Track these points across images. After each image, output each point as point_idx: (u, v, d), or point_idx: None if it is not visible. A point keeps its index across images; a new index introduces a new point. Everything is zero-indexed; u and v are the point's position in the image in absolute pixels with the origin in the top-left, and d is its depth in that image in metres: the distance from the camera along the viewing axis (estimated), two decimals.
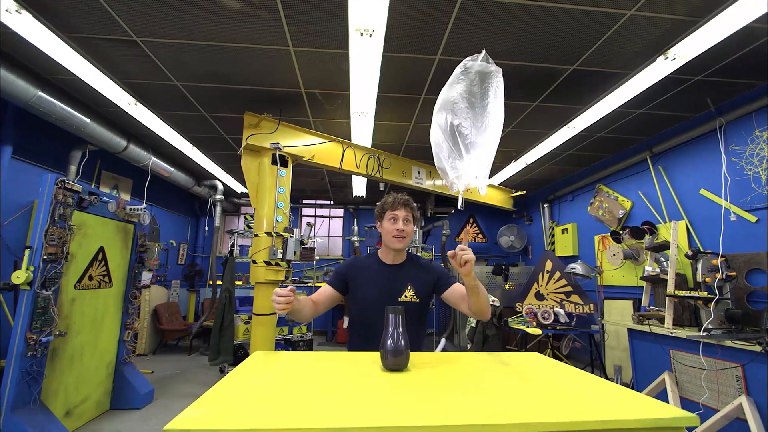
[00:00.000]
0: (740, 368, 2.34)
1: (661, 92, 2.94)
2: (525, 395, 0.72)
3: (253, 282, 2.74)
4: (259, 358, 1.02)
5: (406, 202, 1.42)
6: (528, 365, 1.00)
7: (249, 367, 0.92)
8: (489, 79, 1.34)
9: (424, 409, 0.63)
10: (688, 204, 3.49)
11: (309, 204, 7.31)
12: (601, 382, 0.83)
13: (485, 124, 1.30)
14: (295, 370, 0.90)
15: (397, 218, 1.40)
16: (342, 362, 0.98)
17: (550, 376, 0.88)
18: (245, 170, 2.85)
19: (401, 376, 0.85)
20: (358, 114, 3.21)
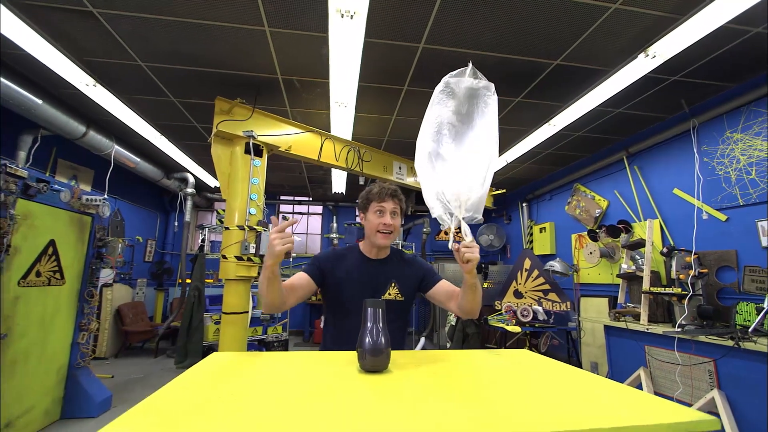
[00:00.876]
0: (713, 363, 2.38)
1: (640, 91, 2.98)
2: (525, 399, 0.63)
3: (223, 278, 2.56)
4: (217, 359, 0.89)
5: (394, 192, 1.29)
6: (520, 363, 0.91)
7: (202, 371, 0.79)
8: (477, 97, 1.14)
9: (408, 419, 0.53)
10: (661, 203, 3.57)
11: (287, 200, 7.09)
12: (605, 382, 0.76)
13: (475, 148, 1.09)
14: (257, 374, 0.77)
15: (384, 211, 1.27)
16: (313, 363, 0.87)
17: (547, 376, 0.80)
18: (216, 159, 2.66)
19: (381, 379, 0.74)
20: (338, 104, 3.08)
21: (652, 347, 2.82)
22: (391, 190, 1.28)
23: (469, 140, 1.10)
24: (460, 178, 1.04)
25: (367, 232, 1.31)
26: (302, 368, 0.82)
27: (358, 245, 1.37)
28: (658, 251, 3.35)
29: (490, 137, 1.09)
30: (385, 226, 1.26)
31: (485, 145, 1.08)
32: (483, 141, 1.08)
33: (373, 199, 1.28)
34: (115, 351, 4.94)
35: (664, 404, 0.60)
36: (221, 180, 2.66)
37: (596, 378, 0.80)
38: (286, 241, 0.95)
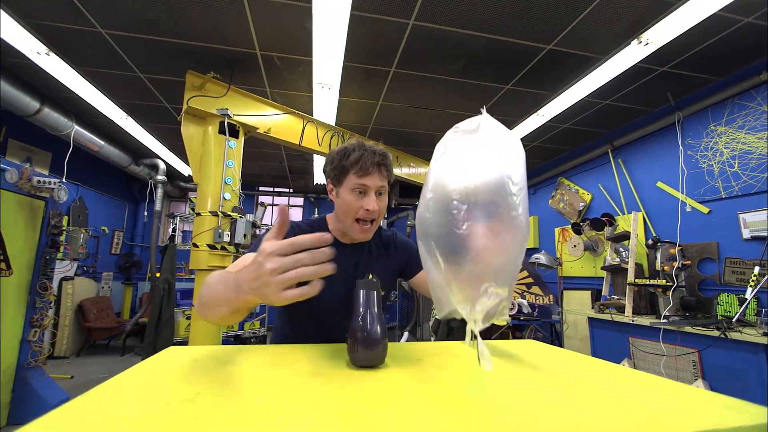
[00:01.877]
0: (697, 353, 2.38)
1: (629, 82, 2.95)
2: (558, 400, 0.51)
3: (194, 268, 2.35)
4: (172, 355, 0.73)
5: (381, 160, 0.91)
6: (534, 355, 0.80)
7: (149, 368, 0.63)
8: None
9: (421, 426, 0.39)
10: (645, 196, 3.59)
11: (266, 191, 6.82)
12: (639, 375, 0.65)
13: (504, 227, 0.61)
14: (218, 371, 0.62)
15: (368, 190, 0.90)
16: (289, 356, 0.72)
17: (571, 370, 0.68)
18: (186, 139, 2.44)
19: (377, 376, 0.60)
20: (321, 86, 2.91)
21: (636, 338, 2.82)
22: (377, 158, 0.91)
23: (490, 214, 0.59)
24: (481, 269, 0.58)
25: (340, 216, 0.96)
26: (277, 362, 0.67)
27: (326, 221, 1.04)
28: (641, 244, 3.37)
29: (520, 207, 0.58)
30: (368, 213, 0.90)
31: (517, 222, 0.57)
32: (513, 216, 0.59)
33: (351, 170, 0.90)
34: (76, 349, 4.59)
35: (725, 401, 0.50)
36: (192, 162, 2.44)
37: (626, 369, 0.69)
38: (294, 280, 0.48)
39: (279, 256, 0.48)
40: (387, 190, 0.96)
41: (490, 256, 0.55)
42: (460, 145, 0.61)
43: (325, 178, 0.99)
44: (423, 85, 3.07)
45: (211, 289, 0.63)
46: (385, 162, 0.93)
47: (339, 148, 0.96)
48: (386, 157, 0.94)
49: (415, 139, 4.23)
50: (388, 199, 0.98)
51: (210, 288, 0.63)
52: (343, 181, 0.92)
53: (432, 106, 3.45)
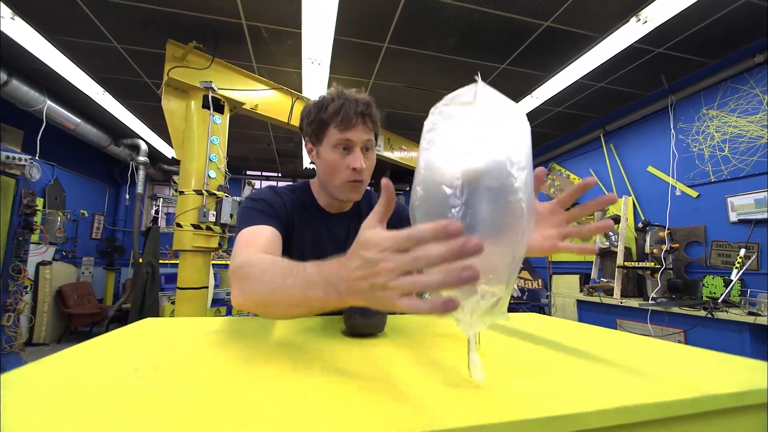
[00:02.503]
0: (683, 333, 2.42)
1: (624, 64, 2.92)
2: (572, 371, 0.46)
3: (178, 249, 2.26)
4: (149, 324, 0.66)
5: (366, 111, 0.79)
6: (539, 328, 0.76)
7: (123, 336, 0.56)
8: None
9: (423, 397, 0.34)
10: (635, 181, 3.60)
11: (254, 175, 6.65)
12: (655, 342, 0.61)
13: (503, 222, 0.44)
14: (198, 341, 0.56)
15: (352, 145, 0.80)
16: (277, 328, 0.66)
17: (578, 339, 0.64)
18: (168, 113, 2.31)
19: (376, 345, 0.55)
20: (311, 61, 2.78)
21: (624, 320, 2.85)
22: (361, 107, 0.79)
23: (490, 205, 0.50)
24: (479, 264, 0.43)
25: (323, 178, 0.85)
26: (264, 334, 0.61)
27: (309, 187, 0.93)
28: (630, 228, 3.40)
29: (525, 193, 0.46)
30: (355, 173, 0.80)
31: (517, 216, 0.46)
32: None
33: (331, 123, 0.79)
34: (56, 336, 4.45)
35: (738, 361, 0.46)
36: (174, 138, 2.32)
37: (638, 337, 0.65)
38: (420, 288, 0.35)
39: (396, 252, 0.34)
40: (374, 145, 0.84)
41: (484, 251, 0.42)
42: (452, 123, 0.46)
43: (303, 137, 0.88)
44: (416, 63, 2.97)
45: (270, 284, 0.49)
46: (370, 112, 0.80)
47: (315, 99, 0.84)
48: (370, 106, 0.81)
49: (408, 121, 4.14)
50: (378, 136, 0.87)
51: (267, 282, 0.50)
52: (323, 138, 0.81)
53: (425, 86, 3.36)
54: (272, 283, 0.48)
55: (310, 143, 0.86)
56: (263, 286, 0.50)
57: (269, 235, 0.73)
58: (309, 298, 0.43)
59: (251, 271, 0.53)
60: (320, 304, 0.43)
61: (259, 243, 0.69)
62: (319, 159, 0.84)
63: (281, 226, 0.80)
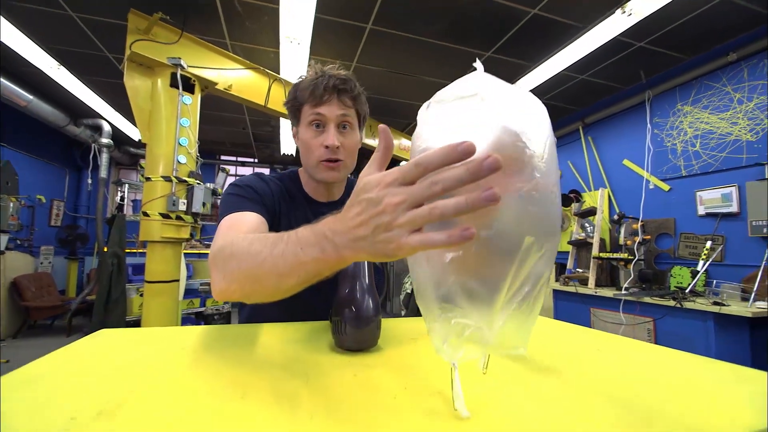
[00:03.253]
0: (653, 322, 2.53)
1: (606, 56, 2.93)
2: (570, 400, 0.42)
3: (146, 240, 2.11)
4: (102, 340, 0.58)
5: (341, 84, 0.74)
6: (542, 337, 0.72)
7: (68, 358, 0.48)
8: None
9: None
10: (611, 173, 3.69)
11: (229, 160, 6.37)
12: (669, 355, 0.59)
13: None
14: (158, 364, 0.48)
15: (325, 121, 0.75)
16: (255, 340, 0.59)
17: (583, 352, 0.61)
18: (131, 91, 2.11)
19: (370, 361, 0.49)
20: (289, 40, 2.62)
21: (597, 309, 2.95)
22: (334, 81, 0.74)
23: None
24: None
25: (304, 160, 0.81)
26: (239, 348, 0.54)
27: (297, 175, 0.89)
28: (606, 219, 3.49)
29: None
30: (328, 151, 0.75)
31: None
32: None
33: (306, 101, 0.76)
34: (13, 331, 4.15)
35: None
36: (139, 119, 2.14)
37: (635, 343, 0.63)
38: (433, 218, 0.29)
39: (403, 185, 0.30)
40: (356, 124, 0.79)
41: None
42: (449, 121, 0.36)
43: (291, 122, 0.85)
44: (401, 47, 2.87)
45: (257, 256, 0.44)
46: (346, 86, 0.75)
47: (296, 82, 0.81)
48: (347, 82, 0.76)
49: (392, 107, 4.04)
50: (366, 113, 0.83)
51: (254, 254, 0.45)
52: (300, 117, 0.78)
53: (410, 72, 3.27)
54: (260, 254, 0.44)
55: (293, 126, 0.83)
56: (249, 260, 0.45)
57: (254, 222, 0.66)
58: (302, 261, 0.38)
59: (235, 249, 0.48)
60: (315, 267, 0.38)
61: (242, 229, 0.62)
62: (299, 140, 0.81)
63: (268, 213, 0.74)
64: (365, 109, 0.82)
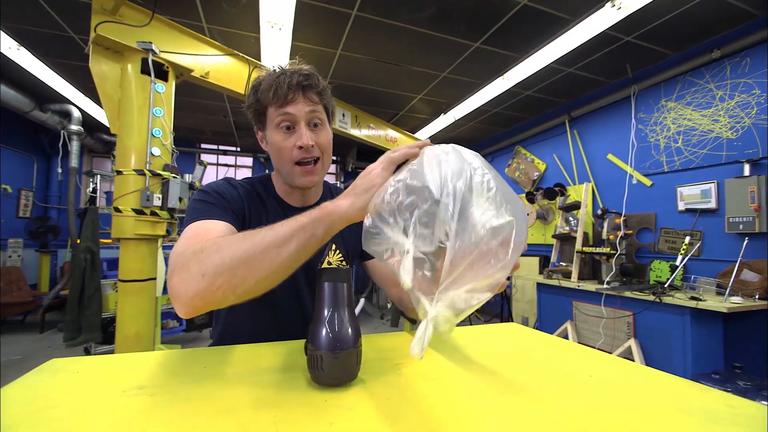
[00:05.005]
0: (632, 315, 2.58)
1: (594, 50, 2.91)
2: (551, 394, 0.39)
3: (118, 237, 1.99)
4: (43, 383, 0.51)
5: (304, 81, 0.70)
6: (514, 350, 0.69)
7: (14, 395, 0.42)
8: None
9: None
10: (595, 167, 3.72)
11: (210, 149, 6.15)
12: (627, 365, 0.56)
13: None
14: (105, 412, 0.43)
15: (295, 121, 0.70)
16: (222, 369, 0.54)
17: (556, 358, 0.59)
18: (98, 78, 1.96)
19: (351, 399, 0.45)
20: (270, 25, 2.49)
21: (579, 302, 3.00)
22: (298, 78, 0.69)
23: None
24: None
25: (277, 165, 0.76)
26: (202, 383, 0.49)
27: (270, 179, 0.84)
28: (589, 214, 3.53)
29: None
30: (302, 152, 0.70)
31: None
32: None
33: (269, 102, 0.70)
34: None
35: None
36: (108, 107, 2.00)
37: (611, 359, 0.61)
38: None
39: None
40: (326, 119, 0.75)
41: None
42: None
43: (253, 126, 0.79)
44: (387, 35, 2.77)
45: (250, 239, 0.48)
46: (310, 82, 0.71)
47: (254, 81, 0.75)
48: (311, 77, 0.71)
49: (377, 97, 3.94)
50: (334, 108, 0.80)
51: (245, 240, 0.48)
52: (266, 120, 0.73)
53: (396, 61, 3.17)
54: (258, 234, 0.48)
55: (258, 130, 0.78)
56: (245, 244, 0.48)
57: (222, 230, 0.63)
58: (301, 224, 0.47)
59: (220, 244, 0.49)
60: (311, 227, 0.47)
61: (209, 237, 0.58)
62: (268, 144, 0.75)
63: (237, 221, 0.69)
64: (332, 103, 0.78)
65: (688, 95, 2.92)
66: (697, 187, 2.83)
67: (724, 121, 2.68)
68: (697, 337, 2.23)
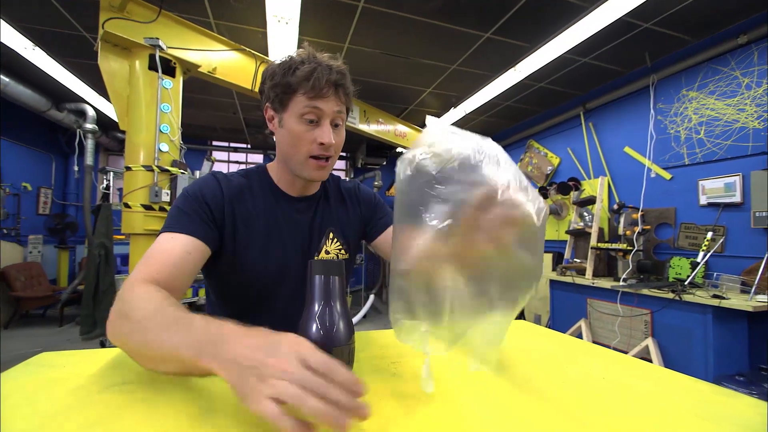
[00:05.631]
0: (650, 314, 2.49)
1: (611, 38, 2.79)
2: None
3: (128, 232, 2.02)
4: (29, 377, 0.50)
5: (340, 81, 0.68)
6: (527, 349, 0.65)
7: None
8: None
9: None
10: (612, 161, 3.60)
11: (220, 146, 6.21)
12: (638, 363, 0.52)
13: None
14: (87, 418, 0.41)
15: (322, 116, 0.68)
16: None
17: (568, 357, 0.54)
18: (106, 74, 1.98)
19: None
20: (277, 19, 2.47)
21: (594, 300, 2.91)
22: (335, 76, 0.67)
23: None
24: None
25: (287, 152, 0.72)
26: (186, 377, 0.47)
27: (266, 169, 0.81)
28: (605, 209, 3.42)
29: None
30: (323, 148, 0.69)
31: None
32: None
33: (299, 89, 0.67)
34: (5, 321, 4.10)
35: None
36: (117, 104, 2.02)
37: (619, 356, 0.56)
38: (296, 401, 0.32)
39: (305, 367, 0.34)
40: (344, 121, 0.74)
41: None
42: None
43: (263, 101, 0.74)
44: (395, 27, 2.72)
45: (153, 329, 0.45)
46: (344, 82, 0.70)
47: (281, 59, 0.71)
48: (345, 76, 0.70)
49: (385, 91, 3.89)
50: (350, 111, 0.77)
51: (150, 324, 0.46)
52: (289, 105, 0.69)
53: (404, 53, 3.12)
54: (147, 333, 0.46)
55: (272, 109, 0.73)
56: (137, 336, 0.47)
57: (180, 251, 0.62)
58: (184, 358, 0.40)
59: (126, 323, 0.49)
60: (186, 365, 0.40)
61: (162, 261, 0.60)
62: (282, 129, 0.71)
63: (211, 229, 0.68)
64: (351, 105, 0.76)
65: (712, 84, 2.78)
66: (720, 180, 2.70)
67: (751, 110, 2.55)
68: (720, 337, 2.13)
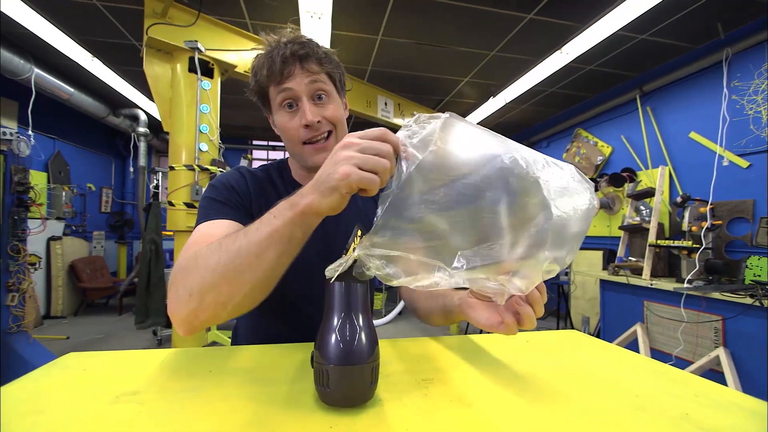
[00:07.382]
0: (721, 320, 2.20)
1: (673, 10, 2.49)
2: None
3: (172, 229, 2.11)
4: (54, 379, 0.49)
5: (300, 51, 0.62)
6: (589, 361, 0.56)
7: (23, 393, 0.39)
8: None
9: None
10: (674, 149, 3.23)
11: (260, 145, 6.42)
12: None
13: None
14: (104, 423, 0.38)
15: (296, 97, 0.63)
16: (233, 377, 0.48)
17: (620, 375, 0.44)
18: (151, 79, 2.08)
19: (362, 426, 0.36)
20: (310, 15, 2.46)
21: (652, 303, 2.64)
22: (292, 48, 0.61)
23: None
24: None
25: (288, 147, 0.70)
26: (199, 387, 0.43)
27: (287, 162, 0.80)
28: (665, 202, 3.09)
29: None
30: (308, 130, 0.63)
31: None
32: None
33: (268, 82, 0.64)
34: (73, 309, 4.54)
35: None
36: (161, 107, 2.11)
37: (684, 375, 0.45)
38: (375, 162, 0.38)
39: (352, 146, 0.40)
40: (332, 90, 0.67)
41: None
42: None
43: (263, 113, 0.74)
44: (430, 15, 2.60)
45: (230, 248, 0.44)
46: (307, 50, 0.63)
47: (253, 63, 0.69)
48: (306, 44, 0.64)
49: (420, 83, 3.78)
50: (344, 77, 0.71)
51: (225, 249, 0.44)
52: (270, 102, 0.67)
53: (440, 42, 2.99)
54: (235, 242, 0.44)
55: (268, 116, 0.72)
56: (224, 255, 0.44)
57: (226, 230, 0.57)
58: (275, 227, 0.42)
59: (200, 259, 0.45)
60: (286, 229, 0.42)
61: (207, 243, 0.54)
62: (276, 126, 0.70)
63: (245, 216, 0.64)
64: (340, 70, 0.69)
65: None
66: None
67: None
68: None
